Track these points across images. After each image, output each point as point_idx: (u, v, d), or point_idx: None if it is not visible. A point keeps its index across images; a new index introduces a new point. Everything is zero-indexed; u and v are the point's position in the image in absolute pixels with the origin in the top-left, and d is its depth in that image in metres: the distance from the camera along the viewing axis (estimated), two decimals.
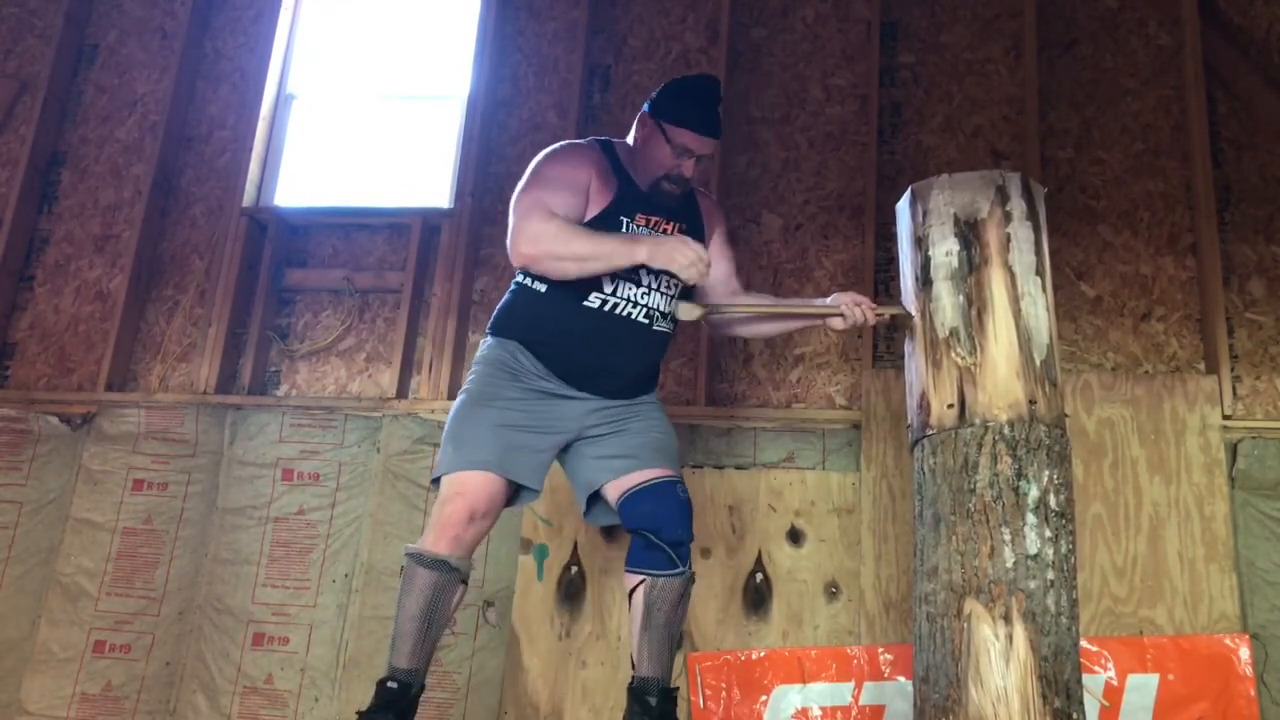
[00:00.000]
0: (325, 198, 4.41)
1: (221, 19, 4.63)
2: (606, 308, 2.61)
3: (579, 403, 2.64)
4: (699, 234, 2.75)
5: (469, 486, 2.54)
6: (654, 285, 2.66)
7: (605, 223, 2.59)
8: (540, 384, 2.63)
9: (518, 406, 2.60)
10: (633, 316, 2.63)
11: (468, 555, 2.56)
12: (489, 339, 2.70)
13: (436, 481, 2.61)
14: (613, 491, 2.64)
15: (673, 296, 2.69)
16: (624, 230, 2.61)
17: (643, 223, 2.66)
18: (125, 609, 3.82)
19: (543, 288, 2.63)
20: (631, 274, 2.61)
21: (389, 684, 2.49)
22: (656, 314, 2.67)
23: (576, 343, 2.61)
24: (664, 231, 2.67)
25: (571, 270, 2.51)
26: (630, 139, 2.74)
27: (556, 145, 2.73)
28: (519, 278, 2.70)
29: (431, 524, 2.56)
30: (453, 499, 2.54)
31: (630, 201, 2.65)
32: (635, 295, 2.64)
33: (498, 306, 2.74)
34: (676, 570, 2.57)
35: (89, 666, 3.76)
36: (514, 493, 2.64)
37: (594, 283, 2.59)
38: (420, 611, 2.50)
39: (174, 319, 4.25)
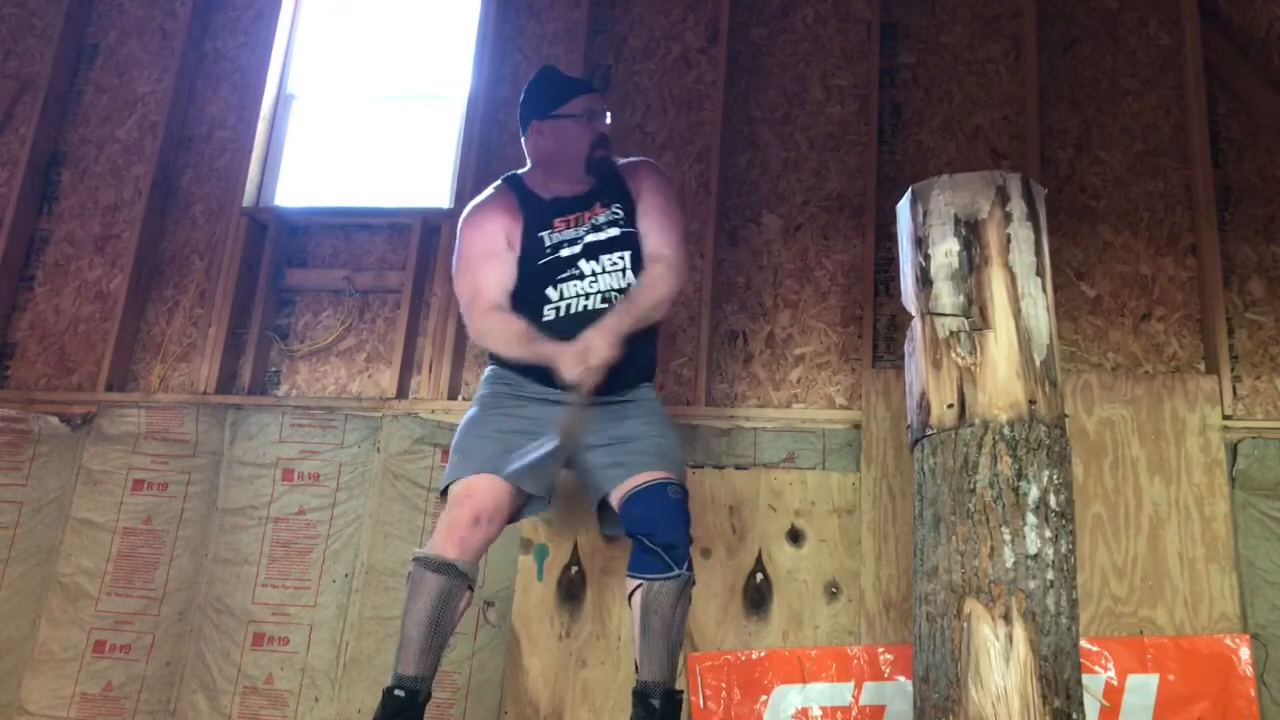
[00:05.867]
0: (325, 198, 4.40)
1: (221, 19, 4.63)
2: (562, 313, 2.69)
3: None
4: (627, 206, 2.81)
5: (474, 489, 2.59)
6: (598, 270, 2.72)
7: (529, 248, 2.73)
8: (534, 389, 2.69)
9: (516, 413, 2.67)
10: (589, 308, 2.69)
11: (474, 560, 2.57)
12: (487, 367, 2.83)
13: (444, 493, 2.65)
14: (614, 500, 2.65)
15: (623, 270, 2.73)
16: (548, 240, 2.74)
17: (562, 226, 2.76)
18: (125, 609, 3.82)
19: None
20: (573, 269, 2.70)
21: (396, 691, 2.48)
22: (613, 294, 2.71)
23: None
24: (588, 220, 2.77)
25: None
26: (535, 158, 2.86)
27: (469, 210, 2.86)
28: None
29: (437, 529, 2.60)
30: (459, 503, 2.59)
31: (539, 219, 2.77)
32: (583, 287, 2.71)
33: None
34: (671, 574, 2.57)
35: (89, 666, 3.76)
36: (523, 503, 2.67)
37: (542, 296, 2.71)
38: (427, 616, 2.50)
39: (174, 319, 4.25)
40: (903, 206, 2.53)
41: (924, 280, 2.39)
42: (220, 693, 3.69)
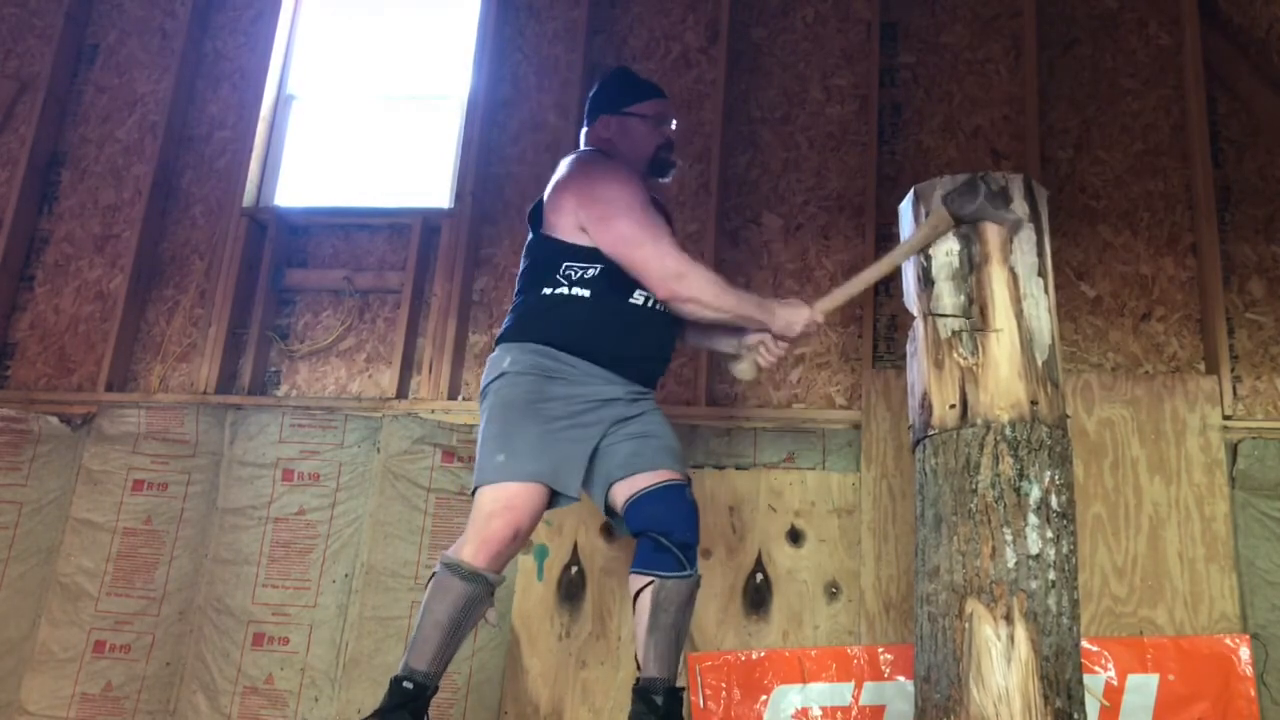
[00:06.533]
0: (325, 198, 4.40)
1: (221, 19, 4.63)
2: (648, 303, 2.66)
3: (609, 407, 2.64)
4: (670, 217, 2.90)
5: (518, 502, 2.50)
6: None
7: None
8: (579, 380, 2.61)
9: (559, 409, 2.57)
10: (657, 306, 2.68)
11: (502, 569, 2.55)
12: (511, 346, 2.65)
13: (474, 492, 2.57)
14: (621, 492, 2.63)
15: None
16: None
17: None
18: (125, 609, 3.82)
19: (587, 293, 2.62)
20: None
21: (405, 683, 2.48)
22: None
23: (622, 334, 2.64)
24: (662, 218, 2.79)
25: (706, 316, 2.62)
26: (599, 148, 2.83)
27: (600, 157, 2.78)
28: (549, 289, 2.66)
29: (472, 535, 2.50)
30: (500, 514, 2.50)
31: (654, 203, 2.76)
32: None
33: (517, 315, 2.70)
34: (685, 573, 2.59)
35: (89, 666, 3.76)
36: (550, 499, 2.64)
37: (634, 282, 2.63)
38: (449, 620, 2.48)
39: (174, 319, 4.25)
40: (905, 207, 2.53)
41: (925, 280, 2.39)
42: (220, 693, 3.68)
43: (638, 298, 2.65)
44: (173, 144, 4.44)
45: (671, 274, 2.56)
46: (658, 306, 2.67)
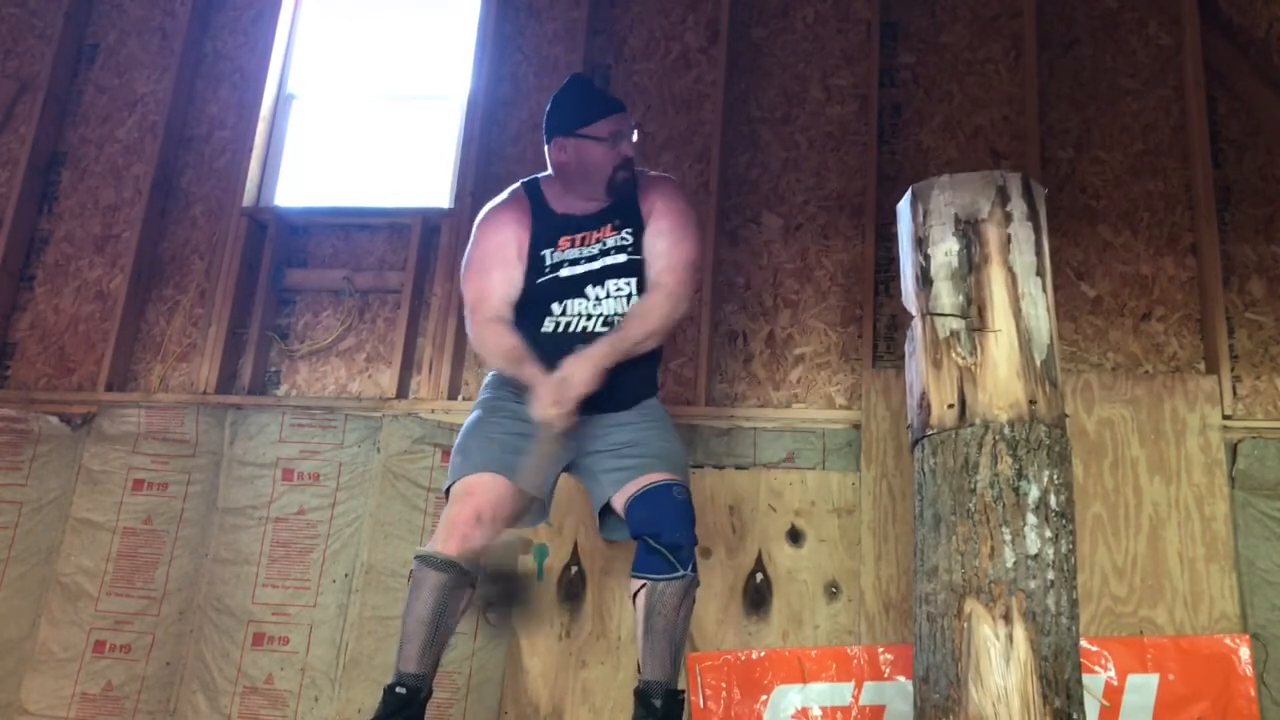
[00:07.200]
0: (325, 198, 4.40)
1: (221, 19, 4.63)
2: (561, 328, 2.68)
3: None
4: (638, 230, 2.76)
5: (475, 488, 2.59)
6: (602, 295, 2.70)
7: (531, 264, 2.70)
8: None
9: (521, 415, 2.62)
10: (589, 329, 2.68)
11: (476, 559, 2.57)
12: (491, 371, 2.85)
13: (447, 494, 2.66)
14: (618, 503, 2.65)
15: (628, 296, 2.71)
16: (548, 258, 2.71)
17: (565, 245, 2.72)
18: (125, 609, 3.82)
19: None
20: (578, 290, 2.69)
21: (397, 689, 2.48)
22: (615, 318, 2.69)
23: (548, 365, 2.60)
24: (596, 241, 2.73)
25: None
26: (554, 170, 2.80)
27: (485, 211, 2.83)
28: None
29: (440, 527, 2.59)
30: (460, 500, 2.59)
31: (546, 233, 2.73)
32: (587, 308, 2.70)
33: None
34: (676, 574, 2.57)
35: (89, 666, 3.76)
36: (524, 507, 2.66)
37: (545, 308, 2.69)
38: (429, 614, 2.50)
39: (174, 319, 4.25)
40: (903, 206, 2.53)
41: (924, 280, 2.39)
42: (220, 693, 3.69)
43: (548, 325, 2.70)
44: (172, 144, 4.44)
45: (473, 340, 2.78)
46: (574, 330, 2.67)
